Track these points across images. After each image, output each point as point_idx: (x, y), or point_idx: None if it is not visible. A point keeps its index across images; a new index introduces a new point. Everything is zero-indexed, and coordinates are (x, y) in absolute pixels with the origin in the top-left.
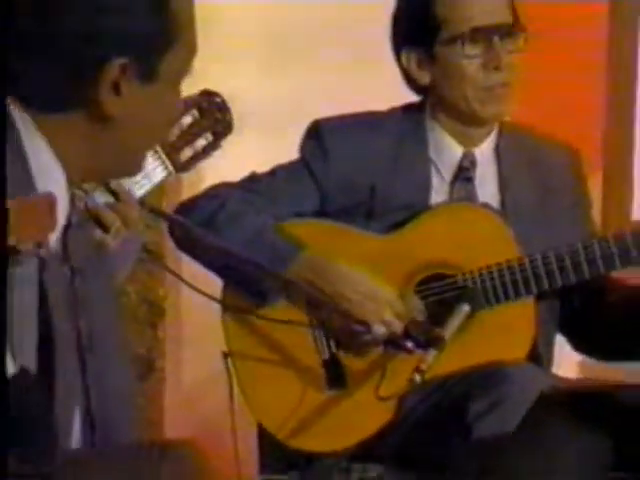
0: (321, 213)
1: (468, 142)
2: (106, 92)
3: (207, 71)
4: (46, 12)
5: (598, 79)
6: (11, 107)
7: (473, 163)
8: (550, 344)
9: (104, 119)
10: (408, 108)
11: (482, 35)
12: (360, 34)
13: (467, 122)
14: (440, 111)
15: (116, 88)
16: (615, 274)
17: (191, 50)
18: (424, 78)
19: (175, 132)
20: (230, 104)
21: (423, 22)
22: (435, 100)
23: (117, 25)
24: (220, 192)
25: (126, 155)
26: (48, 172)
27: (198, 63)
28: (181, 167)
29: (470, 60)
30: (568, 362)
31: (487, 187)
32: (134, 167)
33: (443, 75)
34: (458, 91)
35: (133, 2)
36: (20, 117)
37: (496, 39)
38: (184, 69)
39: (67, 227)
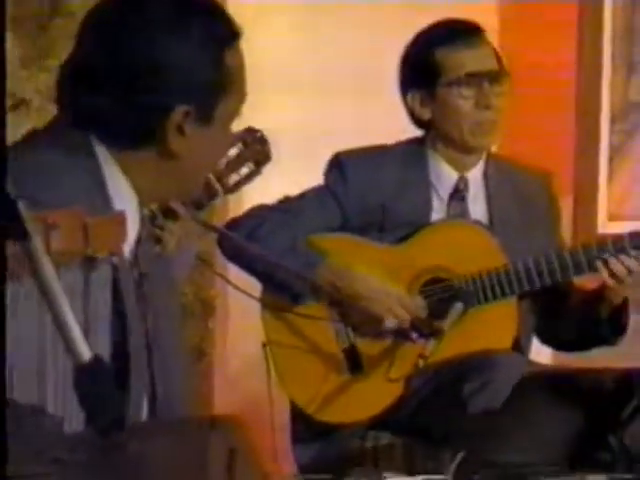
0: (343, 228)
1: (462, 168)
2: (171, 133)
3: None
4: (126, 73)
5: (568, 118)
6: (94, 141)
7: (466, 185)
8: (529, 338)
9: (169, 154)
10: (412, 141)
11: (475, 80)
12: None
13: (461, 151)
14: (438, 142)
15: (180, 130)
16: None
17: (241, 98)
18: (425, 114)
19: (223, 161)
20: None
21: (425, 69)
22: (434, 133)
23: (182, 79)
24: (260, 212)
25: (186, 183)
26: (123, 196)
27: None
28: (228, 190)
29: (465, 100)
30: (543, 353)
31: (478, 205)
32: (192, 192)
33: (442, 112)
34: (454, 125)
35: (195, 60)
36: (100, 150)
37: (486, 83)
38: (235, 113)
39: (138, 240)
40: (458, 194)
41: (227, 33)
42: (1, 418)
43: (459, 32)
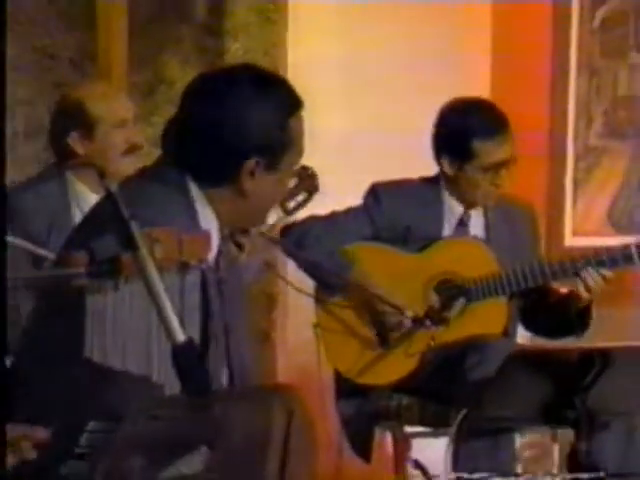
0: (374, 239)
1: (467, 207)
2: (245, 176)
3: None
4: (214, 130)
5: (543, 158)
6: (187, 179)
7: (469, 217)
8: (515, 326)
9: (242, 193)
10: (430, 179)
11: (496, 167)
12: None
13: (468, 205)
14: (453, 190)
15: (252, 174)
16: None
17: (300, 152)
18: (450, 172)
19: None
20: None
21: (461, 152)
22: (451, 185)
23: (256, 137)
24: (310, 221)
25: (253, 215)
26: (208, 220)
27: None
28: (288, 213)
29: (483, 178)
30: (525, 336)
31: (477, 231)
32: (257, 222)
33: (464, 179)
34: (470, 192)
35: (267, 123)
36: (192, 186)
37: (503, 170)
38: (295, 163)
39: (219, 252)
40: (462, 222)
41: (292, 103)
42: (1, 422)
43: (495, 126)
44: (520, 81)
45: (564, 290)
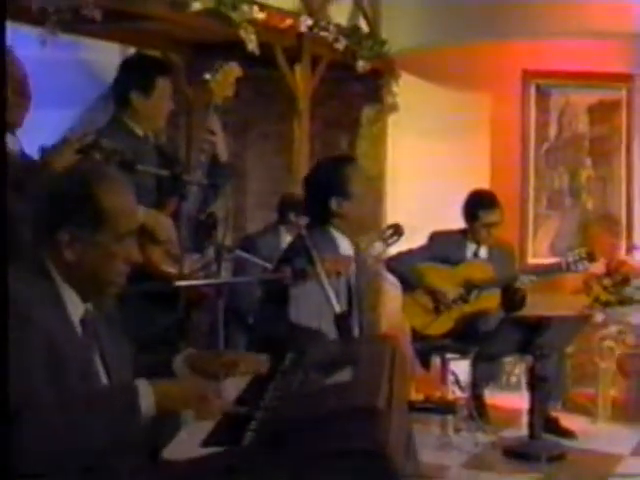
0: (430, 260)
1: (477, 244)
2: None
3: None
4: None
5: (515, 221)
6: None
7: (479, 250)
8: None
9: None
10: (461, 231)
11: (490, 225)
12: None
13: (478, 244)
14: (471, 236)
15: None
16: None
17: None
18: (469, 226)
19: (389, 232)
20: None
21: (473, 217)
22: (470, 233)
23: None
24: (398, 252)
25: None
26: (345, 249)
27: None
28: (388, 245)
29: (483, 231)
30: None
31: (483, 257)
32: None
33: (475, 231)
34: (477, 237)
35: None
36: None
37: (493, 228)
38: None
39: (355, 266)
40: (476, 253)
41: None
42: (2, 423)
43: (492, 203)
44: (505, 177)
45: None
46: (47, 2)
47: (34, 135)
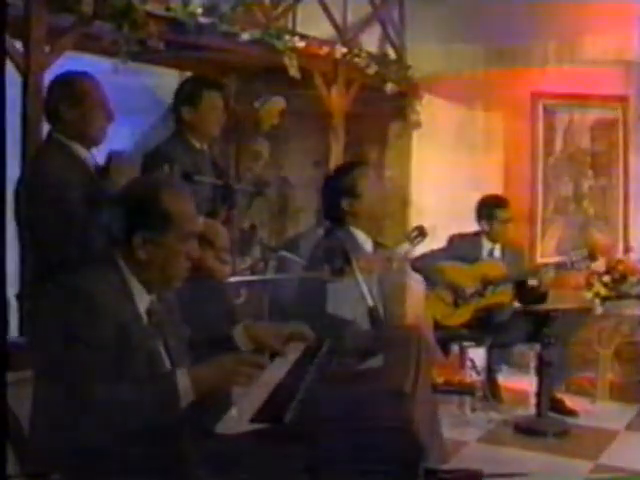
0: (450, 259)
1: (492, 243)
2: None
3: None
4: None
5: (526, 222)
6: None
7: (494, 249)
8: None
9: None
10: (476, 232)
11: (504, 222)
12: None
13: (492, 242)
14: (486, 236)
15: None
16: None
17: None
18: (485, 228)
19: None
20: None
21: (490, 216)
22: (485, 234)
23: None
24: (425, 252)
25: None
26: (363, 242)
27: None
28: (414, 245)
29: (499, 226)
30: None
31: (497, 256)
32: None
33: (491, 229)
34: (493, 236)
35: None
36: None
37: (508, 224)
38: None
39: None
40: (491, 252)
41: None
42: (2, 424)
43: (506, 203)
44: (516, 186)
45: (535, 283)
46: (118, 35)
47: (105, 147)
